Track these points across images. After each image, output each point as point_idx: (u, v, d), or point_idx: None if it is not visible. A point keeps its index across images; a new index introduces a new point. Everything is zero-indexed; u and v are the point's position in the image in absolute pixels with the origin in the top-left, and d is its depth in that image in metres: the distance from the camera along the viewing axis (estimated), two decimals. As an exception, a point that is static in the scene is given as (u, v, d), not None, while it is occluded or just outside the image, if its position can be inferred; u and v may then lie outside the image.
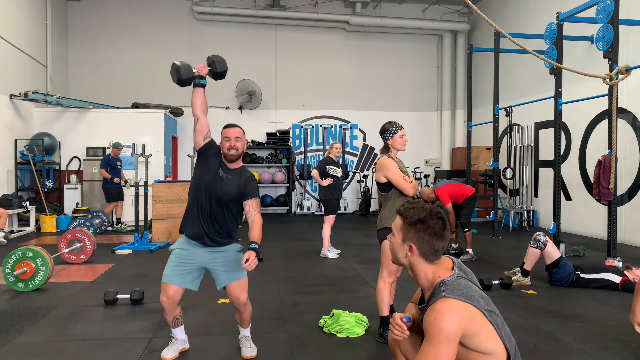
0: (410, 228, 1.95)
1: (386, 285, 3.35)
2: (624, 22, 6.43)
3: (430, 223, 1.92)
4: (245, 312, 3.12)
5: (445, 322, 1.75)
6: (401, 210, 2.01)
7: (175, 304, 3.03)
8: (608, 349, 3.28)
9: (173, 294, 2.96)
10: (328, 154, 6.87)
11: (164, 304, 2.98)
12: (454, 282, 1.87)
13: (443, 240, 1.93)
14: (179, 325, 3.14)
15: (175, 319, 3.10)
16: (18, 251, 4.73)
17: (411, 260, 1.96)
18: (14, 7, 9.43)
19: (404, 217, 1.98)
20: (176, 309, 3.07)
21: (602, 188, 5.98)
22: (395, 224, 2.02)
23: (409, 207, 2.00)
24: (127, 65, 12.20)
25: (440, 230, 1.93)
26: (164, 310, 3.02)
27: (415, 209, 1.97)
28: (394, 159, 3.51)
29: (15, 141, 9.43)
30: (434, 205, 2.03)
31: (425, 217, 1.93)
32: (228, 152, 2.99)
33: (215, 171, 3.00)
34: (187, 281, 2.99)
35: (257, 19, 12.44)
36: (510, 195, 10.01)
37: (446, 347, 1.74)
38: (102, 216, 9.05)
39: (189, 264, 2.99)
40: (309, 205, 12.61)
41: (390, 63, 13.34)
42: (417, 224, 1.94)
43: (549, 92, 7.94)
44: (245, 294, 3.06)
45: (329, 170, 6.72)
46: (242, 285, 3.05)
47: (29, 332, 3.62)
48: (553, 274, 4.96)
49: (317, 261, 6.38)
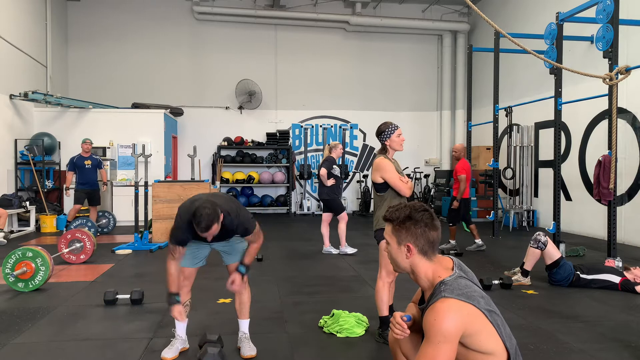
0: (400, 228, 1.96)
1: (385, 285, 3.36)
2: (624, 22, 6.43)
3: (417, 216, 1.95)
4: (245, 294, 3.22)
5: (444, 323, 1.75)
6: (387, 216, 2.03)
7: (190, 285, 3.19)
8: (608, 349, 3.28)
9: (189, 274, 3.15)
10: (329, 154, 6.86)
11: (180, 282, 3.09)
12: (454, 282, 1.87)
13: (435, 230, 1.96)
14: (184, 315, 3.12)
15: (185, 304, 3.17)
16: (18, 251, 4.73)
17: (412, 261, 1.96)
18: (14, 7, 9.43)
19: (391, 220, 2.00)
20: (188, 293, 3.19)
21: (602, 188, 5.98)
22: (387, 232, 2.03)
23: (392, 210, 2.03)
24: (127, 65, 12.20)
25: (429, 221, 1.95)
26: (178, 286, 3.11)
27: (398, 210, 2.00)
28: (391, 159, 3.52)
29: (15, 141, 9.43)
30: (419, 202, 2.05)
31: (411, 213, 1.96)
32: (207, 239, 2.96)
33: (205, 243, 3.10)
34: (198, 261, 3.17)
35: (257, 19, 12.44)
36: (510, 195, 10.01)
37: (445, 347, 1.74)
38: (108, 216, 9.05)
39: (198, 249, 3.14)
40: (309, 205, 12.60)
41: (390, 63, 13.33)
42: (406, 222, 1.95)
43: (549, 92, 7.93)
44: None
45: (333, 170, 6.74)
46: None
47: (29, 332, 3.62)
48: (553, 274, 4.96)
49: (317, 261, 6.38)
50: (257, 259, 6.23)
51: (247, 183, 12.16)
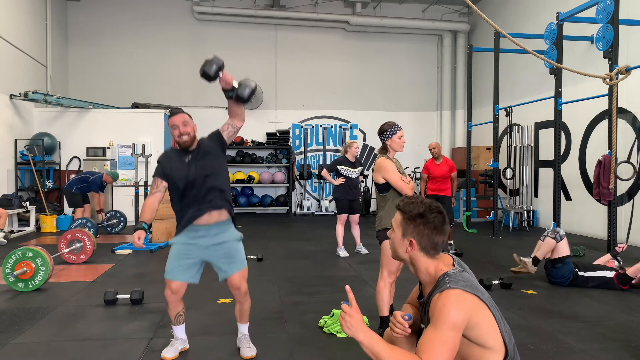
0: (409, 223, 1.95)
1: (386, 285, 3.35)
2: (624, 22, 6.43)
3: (430, 217, 1.93)
4: (245, 304, 3.16)
5: (452, 310, 1.75)
6: (401, 205, 2.01)
7: (180, 298, 3.07)
8: (608, 349, 3.28)
9: (177, 289, 3.01)
10: (344, 154, 6.75)
11: (168, 297, 3.03)
12: (458, 274, 1.88)
13: (443, 234, 1.94)
14: (181, 322, 3.15)
15: (179, 315, 3.12)
16: (18, 251, 4.73)
17: (411, 255, 1.97)
18: (14, 7, 9.43)
19: (404, 212, 1.98)
20: (180, 304, 3.10)
21: (602, 188, 5.99)
22: (395, 220, 2.02)
23: (408, 202, 2.00)
24: (127, 65, 12.21)
25: (439, 224, 1.93)
26: (169, 304, 3.06)
27: (414, 203, 1.98)
28: (392, 159, 3.51)
29: (15, 141, 9.43)
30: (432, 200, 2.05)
31: (425, 212, 1.94)
32: (180, 140, 3.04)
33: (185, 163, 3.03)
34: (189, 276, 3.02)
35: (257, 19, 12.44)
36: (510, 195, 10.01)
37: (452, 333, 1.74)
38: (118, 216, 9.02)
39: (189, 258, 3.00)
40: (309, 205, 12.60)
41: (390, 63, 13.33)
42: (416, 219, 1.94)
43: (549, 92, 7.93)
44: (245, 284, 3.10)
45: (341, 170, 6.62)
46: (243, 275, 3.09)
47: (29, 332, 3.62)
48: (556, 269, 4.94)
49: (317, 261, 6.38)
50: (257, 259, 6.23)
51: (247, 183, 12.16)
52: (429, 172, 7.10)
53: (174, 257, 3.02)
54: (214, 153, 3.08)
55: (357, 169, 6.71)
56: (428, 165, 7.16)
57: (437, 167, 7.02)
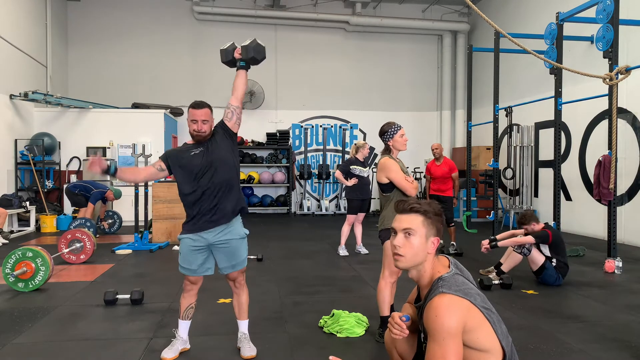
0: (434, 222, 1.98)
1: (388, 285, 3.35)
2: (624, 22, 6.43)
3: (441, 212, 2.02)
4: (243, 295, 3.21)
5: (446, 318, 1.76)
6: (416, 206, 1.97)
7: (197, 290, 3.18)
8: (608, 349, 3.27)
9: (195, 280, 3.12)
10: (354, 154, 6.85)
11: (186, 287, 3.13)
12: (452, 278, 1.90)
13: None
14: (189, 317, 3.19)
15: (190, 307, 3.18)
16: (18, 251, 4.73)
17: (430, 256, 1.99)
18: (14, 7, 9.43)
19: (426, 212, 1.96)
20: (195, 295, 3.19)
21: (602, 188, 5.98)
22: (413, 222, 1.95)
23: (423, 203, 2.00)
24: (127, 65, 12.20)
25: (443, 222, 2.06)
26: (184, 293, 3.15)
27: (424, 203, 2.00)
28: (395, 159, 3.51)
29: (15, 141, 9.43)
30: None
31: (438, 209, 2.00)
32: (194, 134, 3.04)
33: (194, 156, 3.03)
34: (206, 268, 3.09)
35: (257, 19, 12.44)
36: (510, 195, 10.00)
37: (451, 343, 1.75)
38: (113, 216, 9.05)
39: (200, 251, 3.03)
40: (309, 205, 12.60)
41: (390, 63, 13.33)
42: (437, 216, 1.98)
43: (549, 92, 7.93)
44: (243, 277, 3.19)
45: (353, 170, 6.72)
46: (242, 271, 3.16)
47: (29, 332, 3.62)
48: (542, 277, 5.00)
49: (317, 261, 6.37)
50: (257, 259, 6.23)
51: (247, 183, 12.16)
52: (430, 172, 7.12)
53: (186, 252, 3.05)
54: (223, 146, 3.10)
55: (367, 169, 6.87)
56: (429, 166, 7.21)
57: (437, 168, 7.04)
